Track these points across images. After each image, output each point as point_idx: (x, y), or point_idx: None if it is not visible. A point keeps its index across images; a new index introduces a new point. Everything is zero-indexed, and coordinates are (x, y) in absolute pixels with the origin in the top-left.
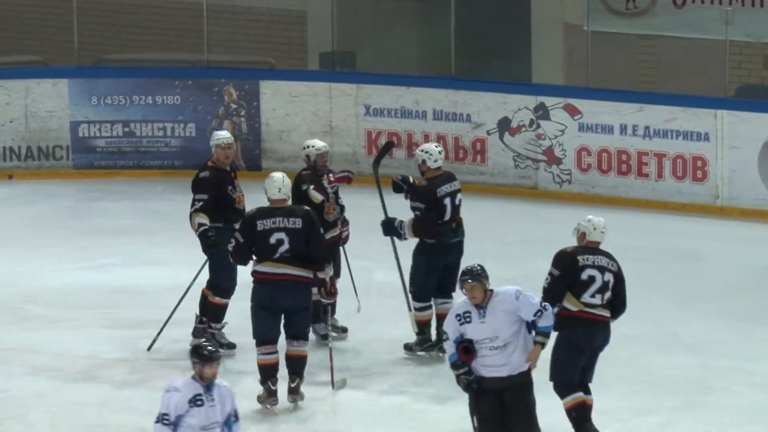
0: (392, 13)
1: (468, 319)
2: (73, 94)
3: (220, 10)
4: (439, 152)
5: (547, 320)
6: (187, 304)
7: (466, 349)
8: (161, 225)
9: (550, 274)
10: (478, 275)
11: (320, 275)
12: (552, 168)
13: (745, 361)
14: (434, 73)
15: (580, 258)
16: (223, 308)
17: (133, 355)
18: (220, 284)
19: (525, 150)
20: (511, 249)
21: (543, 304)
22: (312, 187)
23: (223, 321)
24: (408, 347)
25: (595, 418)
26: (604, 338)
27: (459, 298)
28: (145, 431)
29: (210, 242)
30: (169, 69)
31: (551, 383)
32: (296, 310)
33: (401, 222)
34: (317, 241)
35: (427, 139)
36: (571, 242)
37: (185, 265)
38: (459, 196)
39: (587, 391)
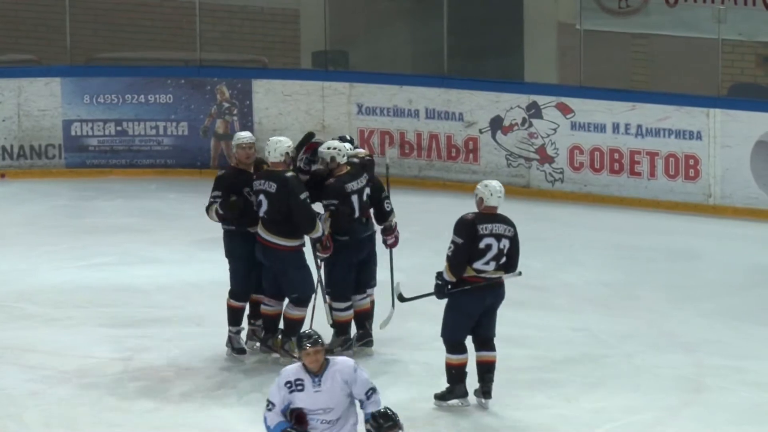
0: (385, 12)
1: (300, 387)
2: (65, 92)
3: (212, 8)
4: (348, 148)
5: (376, 404)
6: (180, 303)
7: (299, 417)
8: (156, 224)
9: (454, 242)
10: (319, 339)
11: (312, 237)
12: (544, 167)
13: (739, 359)
14: (427, 72)
15: (479, 227)
16: (237, 311)
17: (128, 354)
18: (232, 287)
19: (517, 149)
20: None
21: (373, 385)
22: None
23: (241, 325)
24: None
25: (587, 416)
26: (495, 297)
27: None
28: (139, 430)
29: (231, 210)
30: (162, 68)
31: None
32: (274, 271)
33: (320, 215)
34: (295, 207)
35: (419, 138)
36: (561, 241)
37: (182, 263)
38: (367, 191)
39: (491, 348)
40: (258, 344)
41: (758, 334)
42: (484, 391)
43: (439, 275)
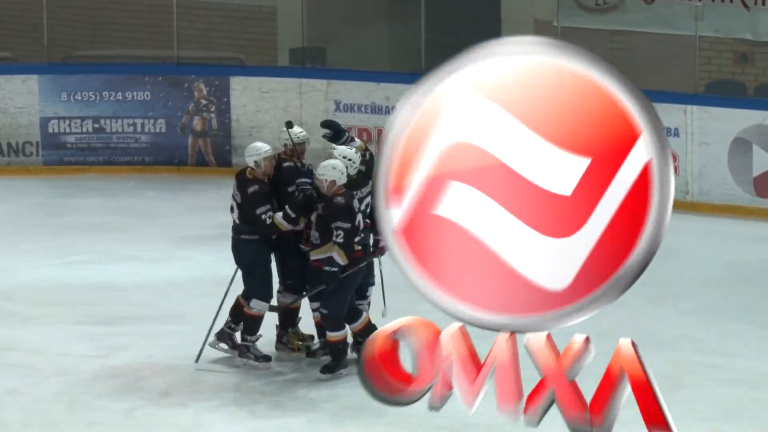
0: (362, 9)
1: None
2: (43, 90)
3: (190, 6)
4: (359, 161)
5: None
6: (159, 302)
7: None
8: (135, 221)
9: (342, 228)
10: None
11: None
12: None
13: (716, 357)
14: (404, 70)
15: (353, 205)
16: (258, 320)
17: (107, 352)
18: (253, 295)
19: None
20: None
21: None
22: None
23: (258, 333)
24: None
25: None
26: (367, 271)
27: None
28: (117, 428)
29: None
30: (139, 65)
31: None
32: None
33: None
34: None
35: None
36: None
37: (159, 261)
38: (367, 201)
39: (359, 315)
40: (220, 345)
41: (737, 332)
42: None
43: (331, 263)
